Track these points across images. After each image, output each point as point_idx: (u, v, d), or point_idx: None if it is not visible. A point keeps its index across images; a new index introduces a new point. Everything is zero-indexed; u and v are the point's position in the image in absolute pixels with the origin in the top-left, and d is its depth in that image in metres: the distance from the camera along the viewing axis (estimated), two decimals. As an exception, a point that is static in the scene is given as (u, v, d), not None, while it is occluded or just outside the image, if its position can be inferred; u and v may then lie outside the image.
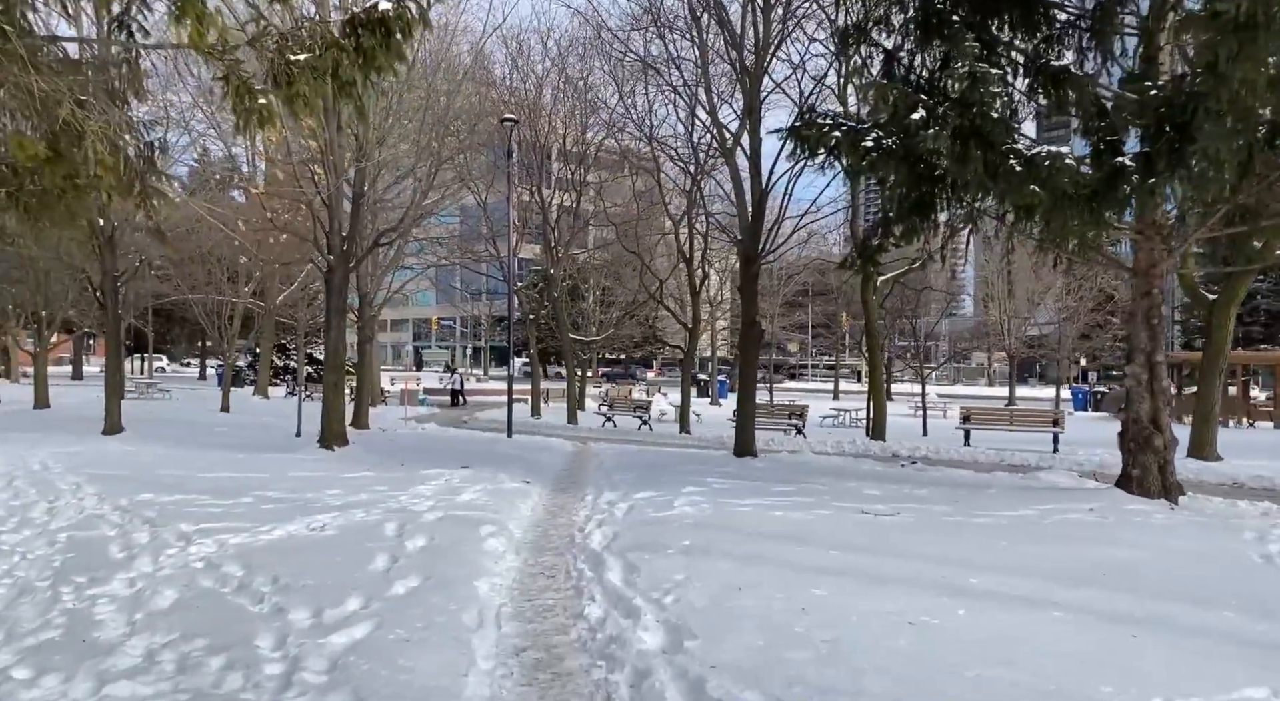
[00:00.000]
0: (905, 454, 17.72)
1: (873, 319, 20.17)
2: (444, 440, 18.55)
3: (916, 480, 12.61)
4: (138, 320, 39.13)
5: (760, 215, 14.17)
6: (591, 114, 24.84)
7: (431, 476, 11.66)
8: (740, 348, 14.81)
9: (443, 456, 14.52)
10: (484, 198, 27.60)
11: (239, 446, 15.70)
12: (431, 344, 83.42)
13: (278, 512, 8.81)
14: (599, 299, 36.98)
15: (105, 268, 16.45)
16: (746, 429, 14.70)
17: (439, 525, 8.23)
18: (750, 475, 12.52)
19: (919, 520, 9.08)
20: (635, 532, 8.14)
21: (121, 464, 12.61)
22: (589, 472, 13.61)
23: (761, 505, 9.73)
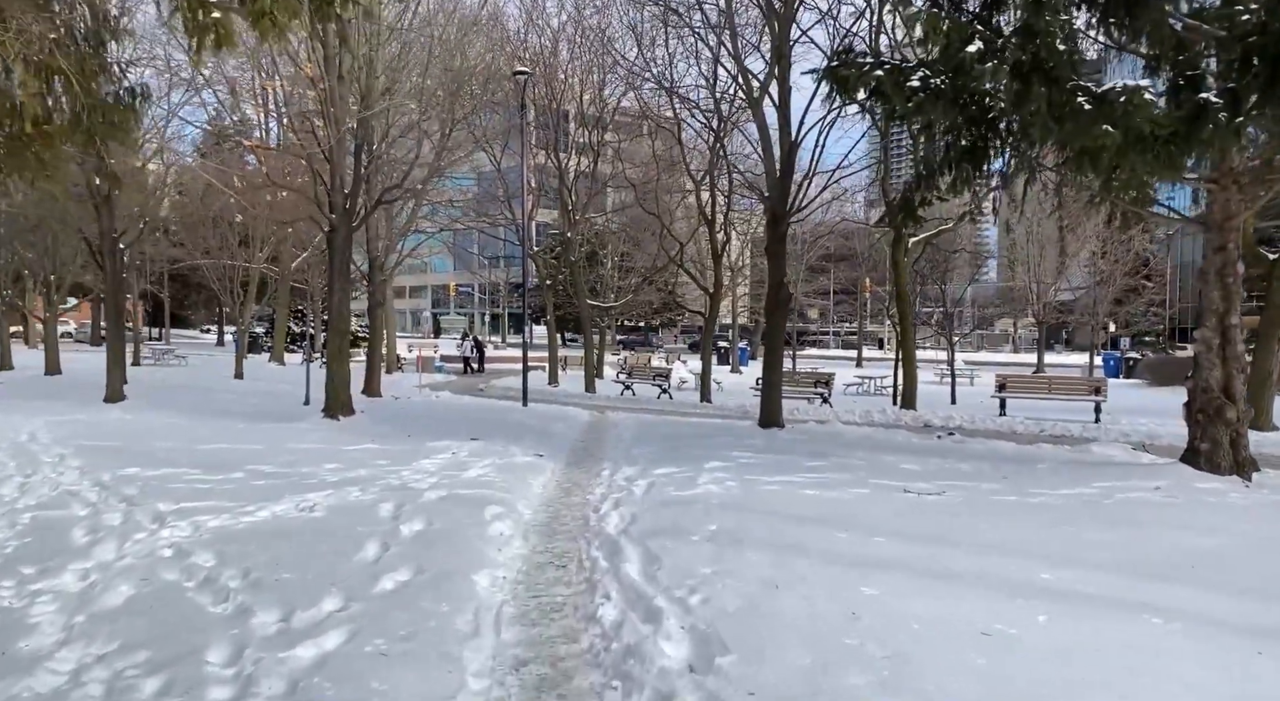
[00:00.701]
0: (939, 424, 16.77)
1: (904, 282, 19.10)
2: (456, 409, 17.80)
3: (956, 453, 11.69)
4: (154, 286, 38.65)
5: (789, 170, 13.14)
6: (609, 70, 23.66)
7: (438, 449, 10.88)
8: (767, 312, 13.86)
9: (453, 426, 13.75)
10: (499, 159, 26.60)
11: (242, 415, 15.01)
12: (450, 310, 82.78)
13: (267, 490, 8.06)
14: (617, 264, 35.99)
15: (103, 228, 15.70)
16: (773, 398, 13.80)
17: (440, 506, 7.43)
18: (778, 448, 11.65)
19: (968, 500, 8.18)
20: (655, 514, 7.31)
21: (115, 434, 11.93)
22: (606, 445, 12.80)
23: (793, 482, 8.86)
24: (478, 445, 11.32)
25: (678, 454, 11.10)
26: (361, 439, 11.75)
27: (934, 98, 8.69)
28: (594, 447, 12.48)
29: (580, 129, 26.21)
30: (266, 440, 11.46)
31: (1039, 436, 14.81)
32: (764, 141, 13.57)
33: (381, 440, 11.73)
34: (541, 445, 12.01)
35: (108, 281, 16.44)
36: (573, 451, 12.06)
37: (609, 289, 34.84)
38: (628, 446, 12.21)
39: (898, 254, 19.05)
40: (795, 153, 13.18)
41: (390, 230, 25.68)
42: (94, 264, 24.31)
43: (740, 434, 13.41)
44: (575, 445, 12.78)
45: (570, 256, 25.53)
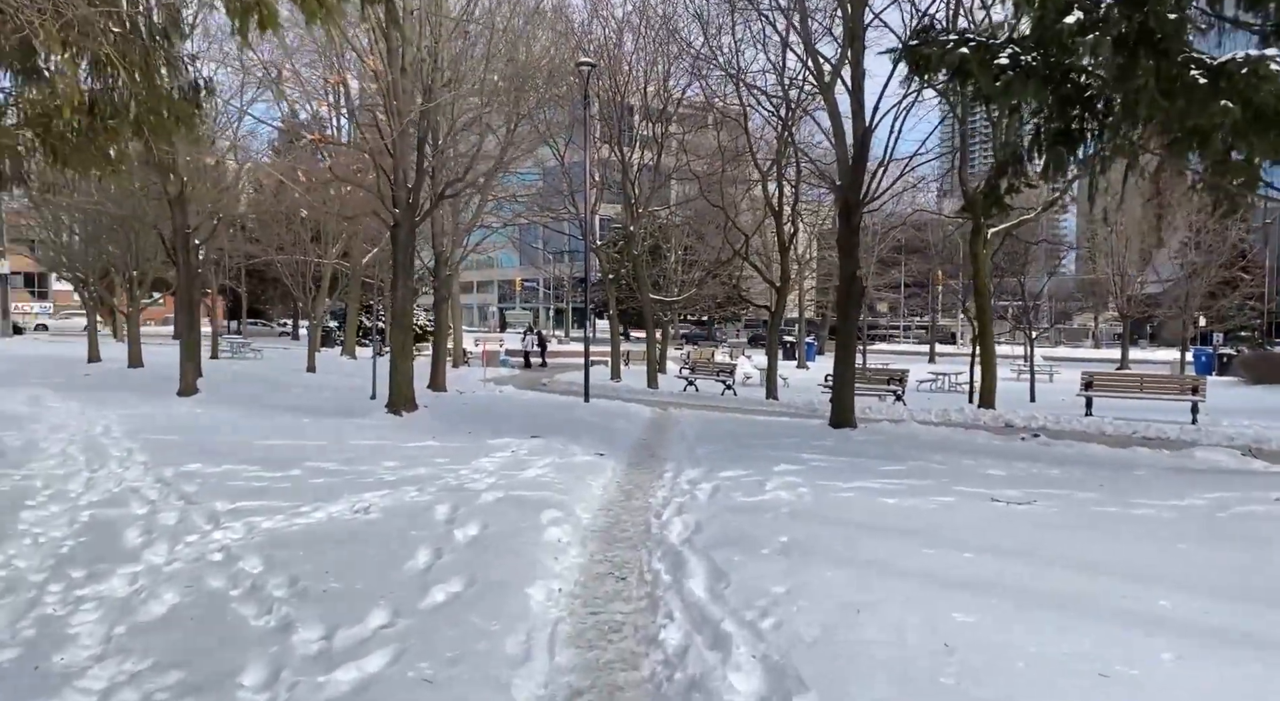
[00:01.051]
0: (1021, 424, 15.87)
1: (983, 276, 18.17)
2: (518, 404, 17.61)
3: (1044, 457, 10.93)
4: (232, 281, 39.71)
5: (863, 157, 12.48)
6: (674, 60, 23.18)
7: (497, 447, 10.61)
8: (838, 307, 13.24)
9: (514, 423, 13.51)
10: (562, 153, 26.37)
11: (308, 409, 15.05)
12: (515, 305, 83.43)
13: (324, 489, 7.87)
14: (680, 258, 35.49)
15: (176, 225, 15.94)
16: (845, 397, 13.18)
17: (496, 508, 7.11)
18: (851, 450, 11.06)
19: (1063, 510, 7.51)
20: (722, 522, 6.85)
21: (183, 428, 11.99)
22: (669, 443, 12.38)
23: (869, 489, 8.30)
24: (538, 443, 11.02)
25: (744, 455, 10.62)
26: (422, 435, 11.57)
27: (1024, 76, 8.00)
28: (656, 446, 12.07)
29: (644, 122, 25.81)
30: (329, 436, 11.37)
31: (1131, 438, 13.86)
32: (835, 128, 12.93)
33: (442, 437, 11.53)
34: (602, 443, 11.66)
35: (180, 277, 16.70)
36: (634, 450, 11.68)
37: (672, 283, 34.38)
38: (691, 445, 11.78)
39: (976, 246, 18.13)
40: (869, 139, 12.52)
41: (456, 226, 25.70)
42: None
43: (810, 434, 12.84)
44: (637, 443, 12.39)
45: (633, 250, 25.15)
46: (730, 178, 25.80)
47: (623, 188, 24.73)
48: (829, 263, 42.84)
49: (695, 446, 11.62)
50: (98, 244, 24.81)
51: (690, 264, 35.67)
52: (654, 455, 11.25)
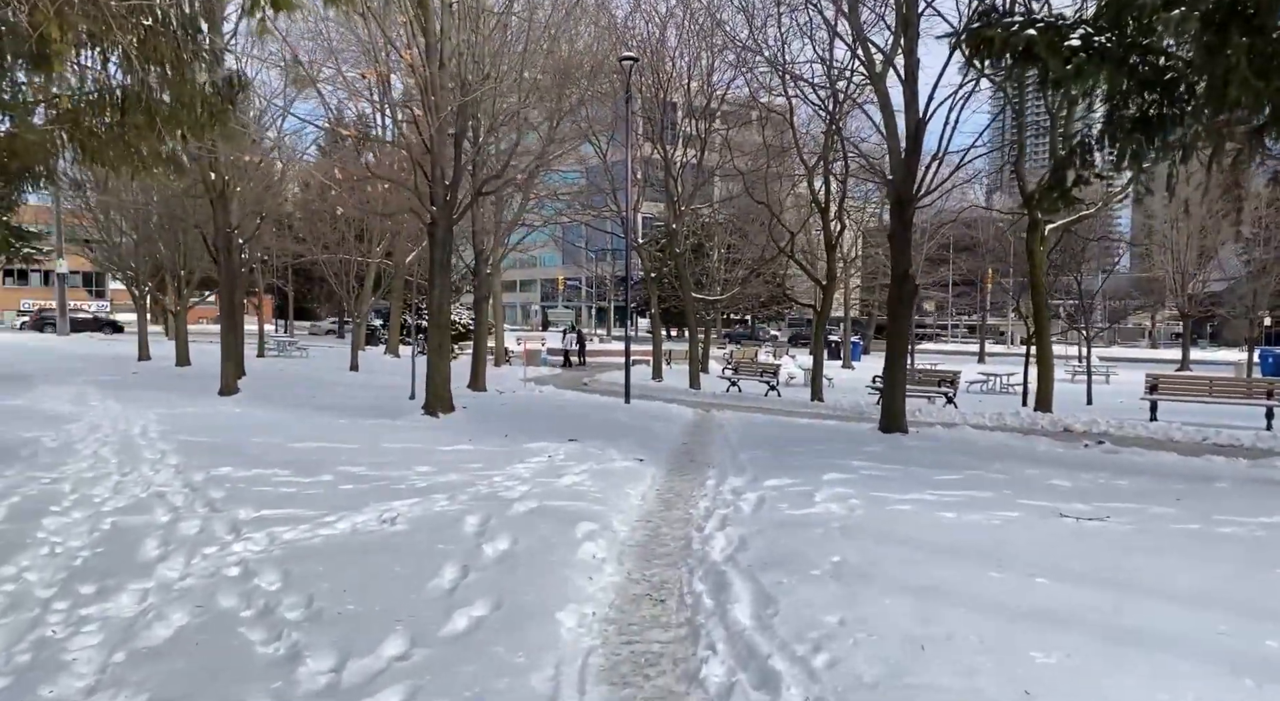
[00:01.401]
0: (1082, 429, 15.07)
1: (1039, 273, 17.36)
2: (557, 405, 17.26)
3: (1111, 466, 10.23)
4: (279, 279, 40.15)
5: (916, 150, 11.86)
6: (718, 54, 22.66)
7: (534, 452, 10.24)
8: (889, 306, 12.64)
9: (552, 425, 13.15)
10: (605, 150, 25.99)
11: (346, 409, 14.86)
12: (558, 304, 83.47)
13: (352, 496, 7.56)
14: (723, 257, 34.92)
15: (218, 223, 15.90)
16: (895, 400, 12.57)
17: (529, 520, 6.72)
18: (904, 457, 10.48)
19: (1140, 528, 6.88)
20: (768, 538, 6.37)
21: (219, 429, 11.84)
22: (712, 448, 11.91)
23: (926, 501, 7.74)
24: (575, 447, 10.63)
25: (790, 462, 10.11)
26: (458, 438, 11.25)
27: (1098, 58, 7.37)
28: (698, 451, 11.61)
29: (687, 119, 25.31)
30: (363, 438, 11.11)
31: (1203, 446, 13.02)
32: (887, 120, 12.33)
33: (478, 440, 11.20)
34: (642, 448, 11.23)
35: (222, 276, 16.66)
36: (675, 455, 11.23)
37: (715, 281, 33.85)
38: (734, 451, 11.30)
39: (1033, 243, 17.32)
40: (923, 131, 11.90)
41: (498, 224, 25.50)
42: (212, 258, 25.07)
43: (859, 439, 12.26)
44: (677, 448, 11.94)
45: (675, 248, 24.68)
46: (775, 174, 25.18)
47: (665, 185, 24.27)
48: (874, 261, 41.93)
49: (739, 451, 11.14)
50: (149, 243, 25.07)
51: (733, 262, 35.12)
52: (695, 461, 10.79)
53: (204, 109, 9.08)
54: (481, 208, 20.07)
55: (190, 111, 8.96)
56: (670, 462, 10.51)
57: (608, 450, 10.58)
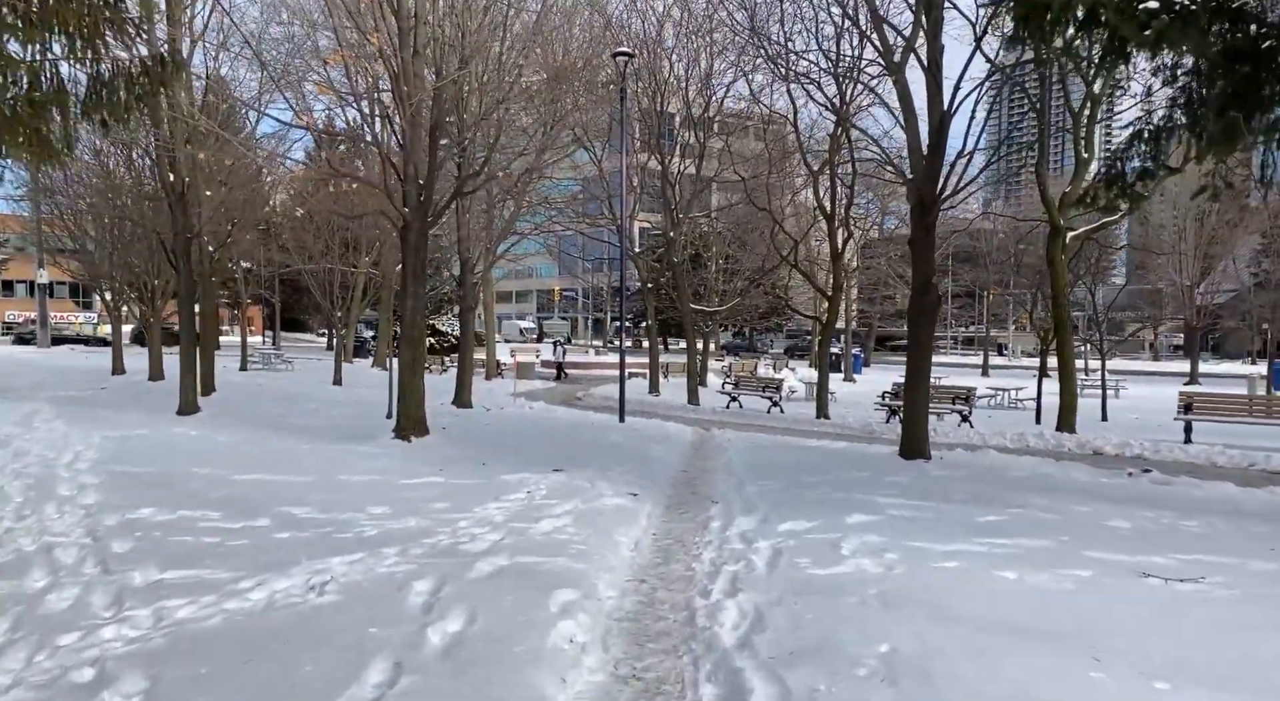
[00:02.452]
0: (1113, 452, 13.75)
1: (1062, 283, 16.07)
2: (546, 424, 15.88)
3: (1169, 502, 8.89)
4: (265, 290, 38.76)
5: (940, 146, 10.58)
6: (717, 55, 21.42)
7: (512, 486, 8.87)
8: (910, 318, 11.31)
9: (537, 449, 11.79)
10: (600, 156, 24.72)
11: (314, 431, 13.48)
12: (554, 315, 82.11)
13: (285, 549, 6.19)
14: (721, 267, 33.66)
15: (176, 227, 14.52)
16: (917, 423, 11.22)
17: (493, 586, 5.36)
18: (932, 490, 9.12)
19: (1247, 593, 5.54)
20: (791, 612, 5.02)
21: (162, 456, 10.45)
22: (714, 476, 10.55)
23: (974, 554, 6.39)
24: (560, 479, 9.26)
25: (805, 496, 8.76)
26: (428, 468, 9.87)
27: (1181, 22, 6.06)
28: (699, 481, 10.25)
29: (685, 126, 24.05)
30: (320, 468, 9.73)
31: (1254, 474, 11.71)
32: (907, 113, 11.04)
33: (450, 470, 9.81)
34: (636, 477, 9.88)
35: (181, 283, 15.28)
36: (674, 486, 9.88)
37: (713, 292, 32.57)
38: (740, 480, 9.95)
39: (1054, 251, 16.05)
40: (948, 124, 10.60)
41: (490, 233, 24.21)
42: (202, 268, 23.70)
43: (878, 466, 10.90)
44: (676, 476, 10.58)
45: (673, 257, 23.38)
46: (775, 184, 23.92)
47: (663, 192, 22.97)
48: (875, 271, 40.71)
49: (745, 482, 9.79)
50: (123, 251, 23.68)
51: (732, 273, 33.84)
52: (697, 493, 9.44)
53: (129, 90, 7.79)
54: (468, 213, 18.80)
55: (114, 91, 7.67)
56: (668, 497, 9.16)
57: (597, 482, 9.22)
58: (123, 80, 7.77)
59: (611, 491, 8.82)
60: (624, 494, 8.78)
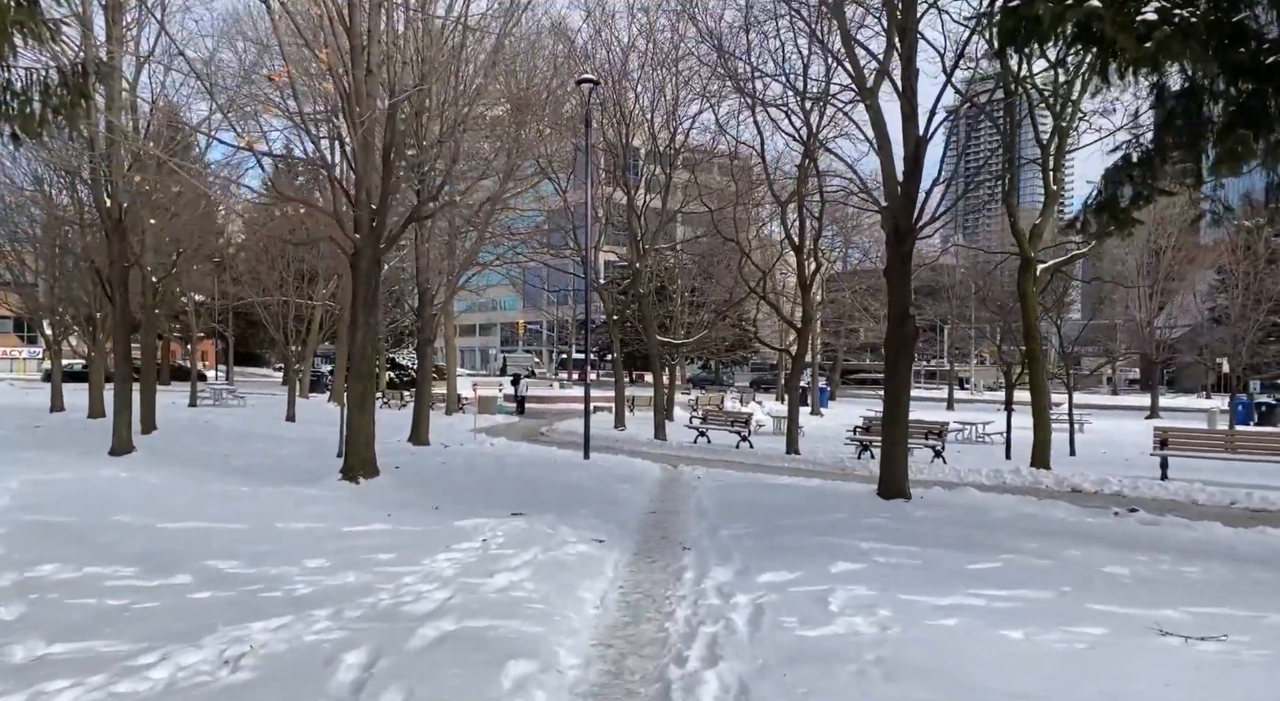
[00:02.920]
0: (1092, 489, 13.36)
1: (1033, 317, 15.81)
2: (508, 462, 15.10)
3: (1163, 543, 8.43)
4: (218, 323, 37.50)
5: (916, 173, 10.21)
6: (684, 85, 21.16)
7: (467, 532, 8.13)
8: (886, 352, 10.84)
9: (496, 491, 11.06)
10: (564, 187, 24.26)
11: (257, 472, 12.59)
12: (518, 348, 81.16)
13: (201, 612, 5.41)
14: (687, 300, 33.24)
15: (112, 255, 13.62)
16: (898, 462, 10.69)
17: (436, 657, 4.64)
18: (917, 534, 8.56)
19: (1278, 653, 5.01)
20: (781, 686, 4.37)
21: (81, 503, 9.54)
22: (685, 518, 9.90)
23: (973, 608, 5.81)
24: (519, 525, 8.54)
25: (783, 541, 8.15)
26: (374, 514, 9.08)
27: (1181, 34, 5.69)
28: (669, 524, 9.59)
29: (650, 157, 23.71)
30: (257, 514, 8.89)
31: (1236, 512, 11.37)
32: (880, 139, 10.69)
33: (399, 515, 9.04)
34: (602, 521, 9.20)
35: (115, 316, 14.35)
36: (642, 530, 9.21)
37: (678, 325, 32.08)
38: (712, 523, 9.31)
39: (1025, 284, 15.80)
40: (924, 150, 10.25)
41: (452, 263, 23.52)
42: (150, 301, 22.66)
43: (856, 506, 10.33)
44: (645, 520, 9.92)
45: (639, 288, 22.87)
46: (742, 216, 23.62)
47: (628, 222, 22.52)
48: (840, 305, 40.66)
49: (718, 525, 9.15)
50: (60, 283, 22.57)
51: (697, 306, 33.44)
52: (667, 537, 8.78)
53: (45, 101, 7.08)
54: (428, 243, 18.13)
55: (24, 102, 6.96)
56: (637, 543, 8.49)
57: (559, 527, 8.52)
58: (38, 90, 7.09)
59: (575, 537, 8.13)
60: (589, 540, 8.09)
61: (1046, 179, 15.93)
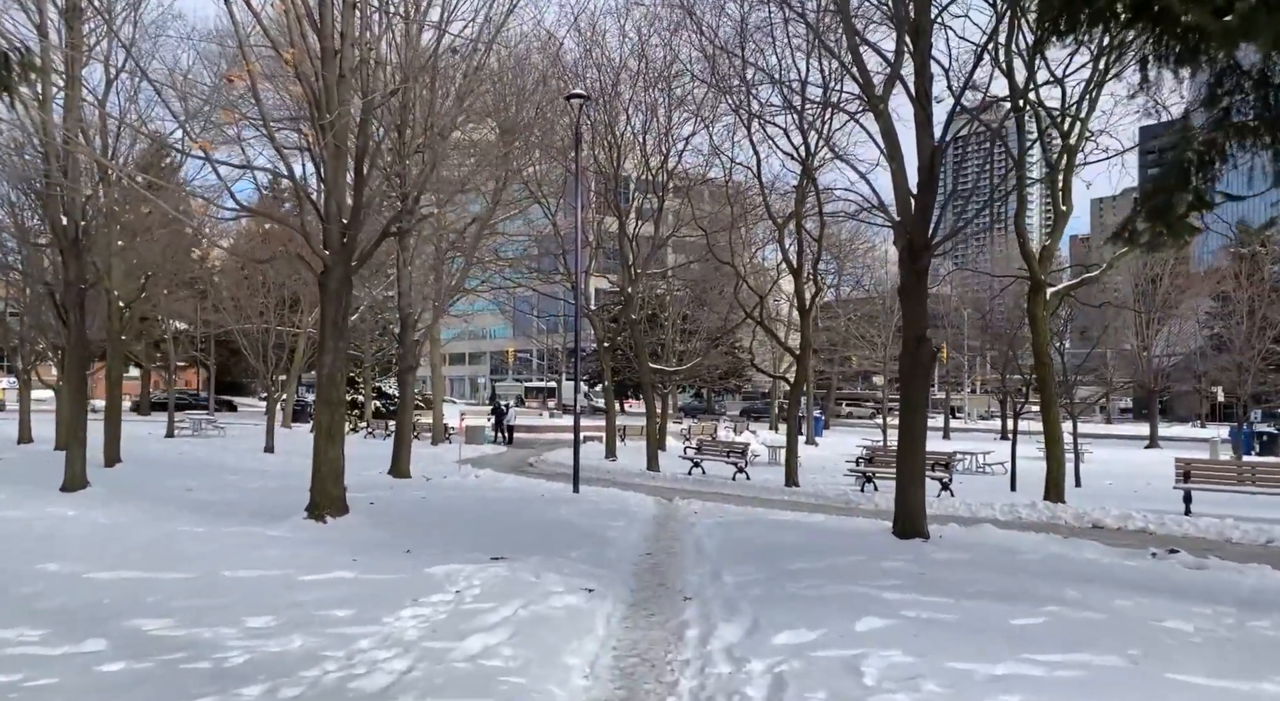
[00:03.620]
0: (1114, 525, 12.47)
1: (1044, 342, 15.00)
2: (491, 497, 14.09)
3: (1218, 593, 7.51)
4: (199, 352, 36.38)
5: (932, 183, 9.41)
6: (677, 106, 20.49)
7: (438, 581, 7.14)
8: (902, 377, 9.95)
9: (476, 530, 10.07)
10: (554, 210, 23.48)
11: (219, 509, 11.55)
12: (508, 377, 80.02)
13: (103, 693, 4.41)
14: (679, 328, 32.37)
15: (69, 277, 12.64)
16: (915, 499, 9.76)
17: (385, 759, 3.66)
18: (943, 579, 7.60)
19: None
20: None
21: (11, 547, 8.50)
22: (683, 561, 8.94)
23: (1035, 680, 4.85)
24: (499, 571, 7.55)
25: (797, 589, 7.20)
26: (338, 558, 8.06)
27: (1265, 9, 4.90)
28: (667, 568, 8.63)
29: (640, 190, 22.94)
30: (207, 559, 7.87)
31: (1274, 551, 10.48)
32: (892, 150, 9.90)
33: (366, 560, 8.02)
34: (592, 565, 8.24)
35: (70, 341, 13.36)
36: (637, 575, 8.25)
37: (670, 353, 31.15)
38: (715, 567, 8.34)
39: (1036, 307, 15.00)
40: (939, 160, 9.46)
41: (438, 288, 22.64)
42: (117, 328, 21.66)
43: (871, 547, 9.37)
44: (639, 561, 8.96)
45: (631, 314, 22.00)
46: (737, 241, 22.84)
47: (619, 247, 21.70)
48: (834, 332, 39.94)
49: (721, 569, 8.19)
50: (29, 310, 21.54)
51: (689, 334, 32.57)
52: (665, 584, 7.82)
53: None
54: (410, 267, 17.27)
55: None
56: (632, 590, 7.53)
57: (544, 574, 7.54)
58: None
59: (562, 586, 7.15)
60: (577, 589, 7.11)
61: (1056, 199, 15.22)
